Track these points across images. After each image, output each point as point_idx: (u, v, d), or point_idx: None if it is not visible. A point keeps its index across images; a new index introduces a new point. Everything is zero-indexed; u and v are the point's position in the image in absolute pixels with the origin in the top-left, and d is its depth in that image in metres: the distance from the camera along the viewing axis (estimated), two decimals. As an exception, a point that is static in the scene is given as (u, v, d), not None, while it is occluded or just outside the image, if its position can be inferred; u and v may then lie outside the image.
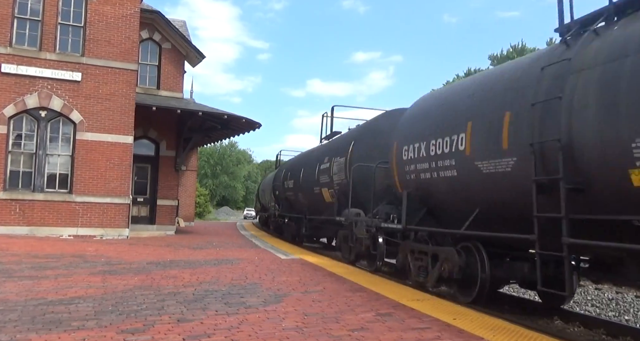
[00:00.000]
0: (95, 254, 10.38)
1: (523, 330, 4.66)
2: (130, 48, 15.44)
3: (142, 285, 6.74)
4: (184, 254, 11.15)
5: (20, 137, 14.47)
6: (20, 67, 14.22)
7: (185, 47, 19.10)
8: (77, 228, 14.49)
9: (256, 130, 19.44)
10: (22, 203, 14.08)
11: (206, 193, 58.99)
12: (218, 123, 18.40)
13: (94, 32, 15.03)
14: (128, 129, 15.25)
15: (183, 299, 5.80)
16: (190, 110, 17.11)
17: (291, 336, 4.26)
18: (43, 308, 5.17)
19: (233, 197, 79.34)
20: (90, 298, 5.72)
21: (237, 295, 6.16)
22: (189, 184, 28.03)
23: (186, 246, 13.36)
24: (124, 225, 15.06)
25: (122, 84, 15.24)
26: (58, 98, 14.56)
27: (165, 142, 18.53)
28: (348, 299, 6.05)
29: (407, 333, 4.47)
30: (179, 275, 7.73)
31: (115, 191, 14.96)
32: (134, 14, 15.52)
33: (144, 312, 5.08)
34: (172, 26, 18.77)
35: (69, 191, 14.58)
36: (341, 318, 5.01)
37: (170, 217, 18.68)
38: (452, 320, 4.99)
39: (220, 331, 4.40)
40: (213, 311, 5.21)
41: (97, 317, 4.82)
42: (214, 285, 6.88)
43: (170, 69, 18.79)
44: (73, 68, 14.75)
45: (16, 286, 6.37)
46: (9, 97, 14.11)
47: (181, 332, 4.33)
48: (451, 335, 4.41)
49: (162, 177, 18.48)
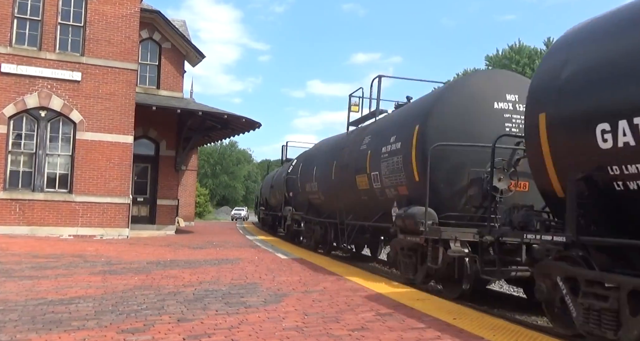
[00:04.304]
0: (95, 254, 10.37)
1: (523, 330, 4.66)
2: (130, 48, 15.43)
3: (142, 284, 6.74)
4: (184, 254, 11.15)
5: (20, 137, 14.45)
6: (20, 66, 14.21)
7: (185, 46, 19.09)
8: (77, 228, 14.49)
9: (256, 129, 19.46)
10: (22, 203, 14.07)
11: (206, 193, 58.97)
12: (218, 123, 18.40)
13: (94, 32, 15.01)
14: (128, 129, 15.24)
15: (183, 299, 5.80)
16: (190, 109, 17.10)
17: (291, 336, 4.26)
18: (43, 308, 5.16)
19: (233, 197, 79.34)
20: (91, 298, 5.72)
21: (237, 294, 6.16)
22: (189, 184, 28.03)
23: (186, 246, 13.36)
24: (124, 224, 15.05)
25: (122, 84, 15.23)
26: (58, 98, 14.54)
27: (165, 141, 18.52)
28: (348, 299, 6.05)
29: (407, 333, 4.47)
30: (179, 275, 7.73)
31: (115, 191, 14.95)
32: (134, 13, 15.51)
33: (144, 312, 5.08)
34: (172, 26, 18.76)
35: (69, 191, 14.58)
36: (341, 317, 5.01)
37: (170, 216, 18.68)
38: (452, 319, 4.99)
39: (221, 331, 4.40)
40: (213, 311, 5.21)
41: (98, 317, 4.82)
42: (214, 284, 6.88)
43: (170, 69, 18.78)
44: (73, 68, 14.74)
45: (16, 286, 6.37)
46: (9, 96, 14.09)
47: (181, 332, 4.33)
48: (451, 335, 4.40)
49: (162, 176, 18.47)
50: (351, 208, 10.79)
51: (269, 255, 11.25)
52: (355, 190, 10.13)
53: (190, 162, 27.48)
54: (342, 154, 11.27)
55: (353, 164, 10.28)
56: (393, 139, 8.60)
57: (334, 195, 11.80)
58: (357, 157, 10.08)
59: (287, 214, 16.82)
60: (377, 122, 10.32)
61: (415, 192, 7.85)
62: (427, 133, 7.52)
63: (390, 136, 8.78)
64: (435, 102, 7.91)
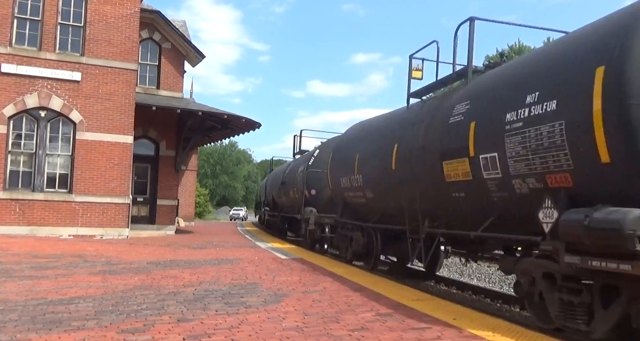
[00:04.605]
0: (95, 254, 10.37)
1: (523, 330, 4.66)
2: (130, 48, 15.43)
3: (142, 284, 6.74)
4: (184, 254, 11.15)
5: (20, 137, 14.46)
6: (20, 66, 14.21)
7: (185, 46, 19.09)
8: (77, 228, 14.49)
9: (256, 130, 19.46)
10: (22, 203, 14.07)
11: (206, 193, 59.02)
12: (218, 123, 18.40)
13: (93, 32, 15.02)
14: (128, 129, 15.24)
15: (183, 299, 5.80)
16: (190, 109, 17.11)
17: (291, 336, 4.25)
18: (43, 308, 5.16)
19: (233, 197, 79.41)
20: (90, 298, 5.72)
21: (237, 294, 6.16)
22: (188, 184, 28.06)
23: (186, 246, 13.36)
24: (124, 224, 15.05)
25: (122, 84, 15.23)
26: (58, 98, 14.55)
27: (165, 141, 18.52)
28: (348, 299, 6.05)
29: (407, 333, 4.47)
30: (179, 275, 7.72)
31: (115, 191, 14.95)
32: (134, 13, 15.51)
33: (144, 312, 5.08)
34: (172, 26, 18.77)
35: (68, 191, 14.58)
36: (341, 318, 5.01)
37: (170, 216, 18.68)
38: (452, 319, 4.99)
39: (221, 331, 4.39)
40: (213, 311, 5.21)
41: (97, 317, 4.82)
42: (214, 284, 6.88)
43: (170, 69, 18.79)
44: (73, 68, 14.74)
45: (16, 286, 6.37)
46: (9, 96, 14.10)
47: (181, 332, 4.33)
48: (451, 335, 4.40)
49: (162, 176, 18.47)
50: (430, 209, 7.59)
51: (269, 255, 11.24)
52: (441, 183, 6.92)
53: (190, 162, 27.51)
54: (410, 133, 7.97)
55: (436, 145, 7.05)
56: (533, 98, 5.22)
57: (394, 192, 8.53)
58: (445, 134, 6.89)
59: (308, 216, 13.98)
60: (480, 80, 6.92)
61: (593, 183, 4.65)
62: (627, 78, 4.24)
63: (523, 94, 5.40)
64: (636, 22, 4.39)
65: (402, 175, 8.08)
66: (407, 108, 8.83)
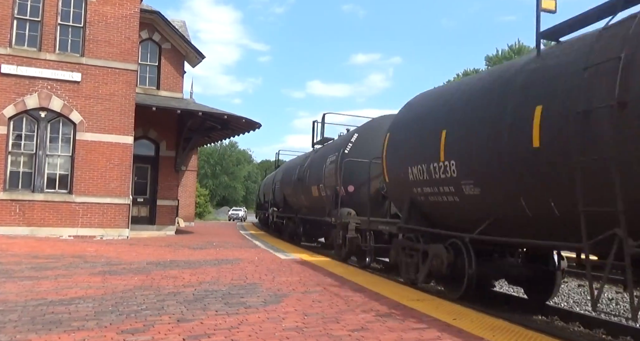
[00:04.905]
0: (95, 254, 10.37)
1: (523, 330, 4.66)
2: (130, 48, 15.44)
3: (142, 285, 6.74)
4: (184, 254, 11.15)
5: (20, 138, 14.46)
6: (20, 67, 14.22)
7: (185, 47, 19.10)
8: (77, 228, 14.49)
9: (256, 130, 19.46)
10: (22, 204, 14.08)
11: (206, 193, 59.01)
12: (218, 123, 18.40)
13: (93, 33, 15.02)
14: (128, 129, 15.24)
15: (183, 299, 5.80)
16: (190, 110, 17.11)
17: (291, 337, 4.26)
18: (43, 309, 5.16)
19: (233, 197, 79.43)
20: (90, 299, 5.72)
21: (237, 295, 6.16)
22: (189, 184, 28.06)
23: (186, 246, 13.36)
24: (124, 225, 15.05)
25: (122, 84, 15.24)
26: (58, 99, 14.55)
27: (165, 142, 18.53)
28: (348, 299, 6.05)
29: (407, 333, 4.47)
30: (179, 275, 7.73)
31: (115, 191, 14.96)
32: (134, 14, 15.52)
33: (144, 312, 5.08)
34: (171, 26, 18.78)
35: (68, 191, 14.58)
36: (341, 318, 5.01)
37: (170, 217, 18.69)
38: (452, 320, 4.99)
39: (221, 332, 4.39)
40: (213, 311, 5.21)
41: (97, 317, 4.82)
42: (214, 285, 6.88)
43: (170, 69, 18.80)
44: (73, 68, 14.74)
45: (16, 287, 6.37)
46: (9, 97, 14.10)
47: (181, 332, 4.33)
48: (451, 335, 4.40)
49: (162, 177, 18.48)
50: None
51: (268, 256, 11.25)
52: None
53: (190, 162, 27.50)
54: (572, 85, 4.84)
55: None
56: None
57: (536, 184, 5.24)
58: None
59: (347, 220, 10.68)
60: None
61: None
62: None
63: None
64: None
65: (556, 157, 4.93)
66: (537, 55, 5.85)
